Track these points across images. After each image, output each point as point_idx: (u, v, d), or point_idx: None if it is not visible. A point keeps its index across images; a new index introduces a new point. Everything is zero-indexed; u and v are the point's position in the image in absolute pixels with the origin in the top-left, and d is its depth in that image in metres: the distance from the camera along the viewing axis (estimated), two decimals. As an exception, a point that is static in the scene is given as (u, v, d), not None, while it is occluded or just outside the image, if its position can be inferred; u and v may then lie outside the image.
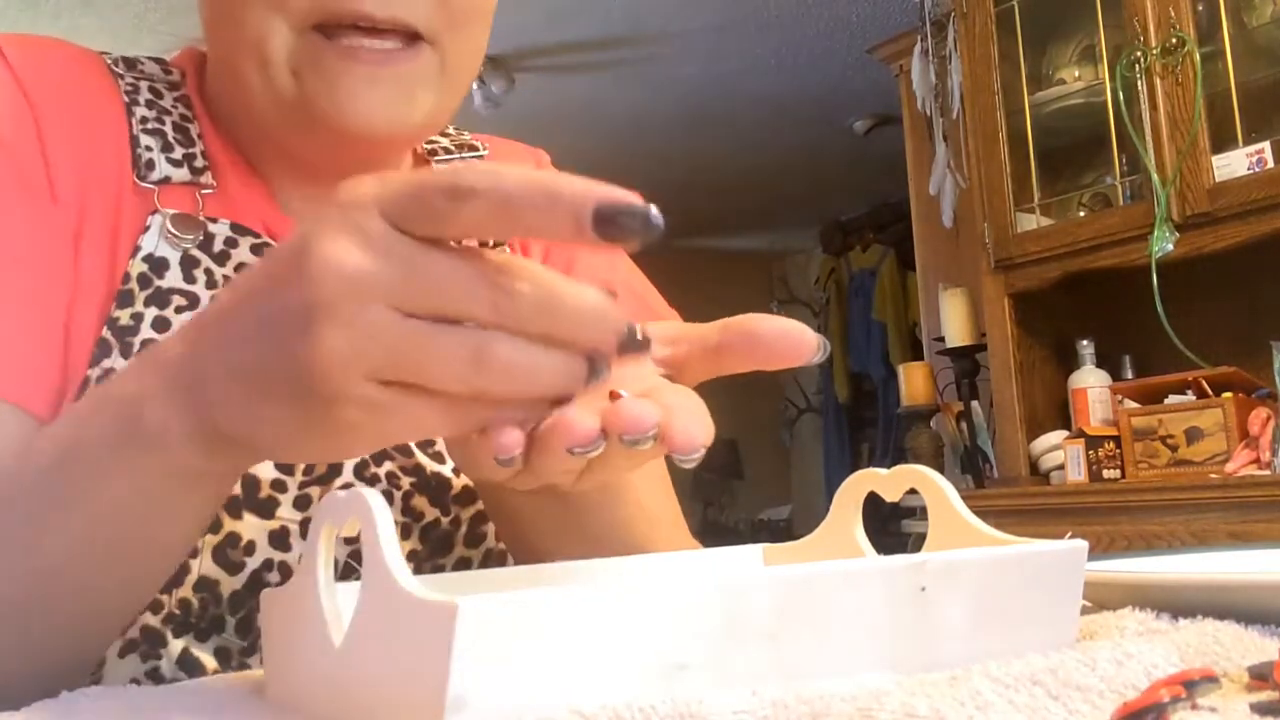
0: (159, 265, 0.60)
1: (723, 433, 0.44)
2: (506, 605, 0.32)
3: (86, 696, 0.41)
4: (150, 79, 0.68)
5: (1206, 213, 2.34)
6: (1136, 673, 0.36)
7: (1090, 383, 2.57)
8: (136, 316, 0.59)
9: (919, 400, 3.24)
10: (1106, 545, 2.34)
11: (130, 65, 0.68)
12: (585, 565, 0.51)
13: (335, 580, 0.37)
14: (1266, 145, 2.30)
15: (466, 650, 0.31)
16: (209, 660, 0.58)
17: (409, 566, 0.34)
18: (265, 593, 0.42)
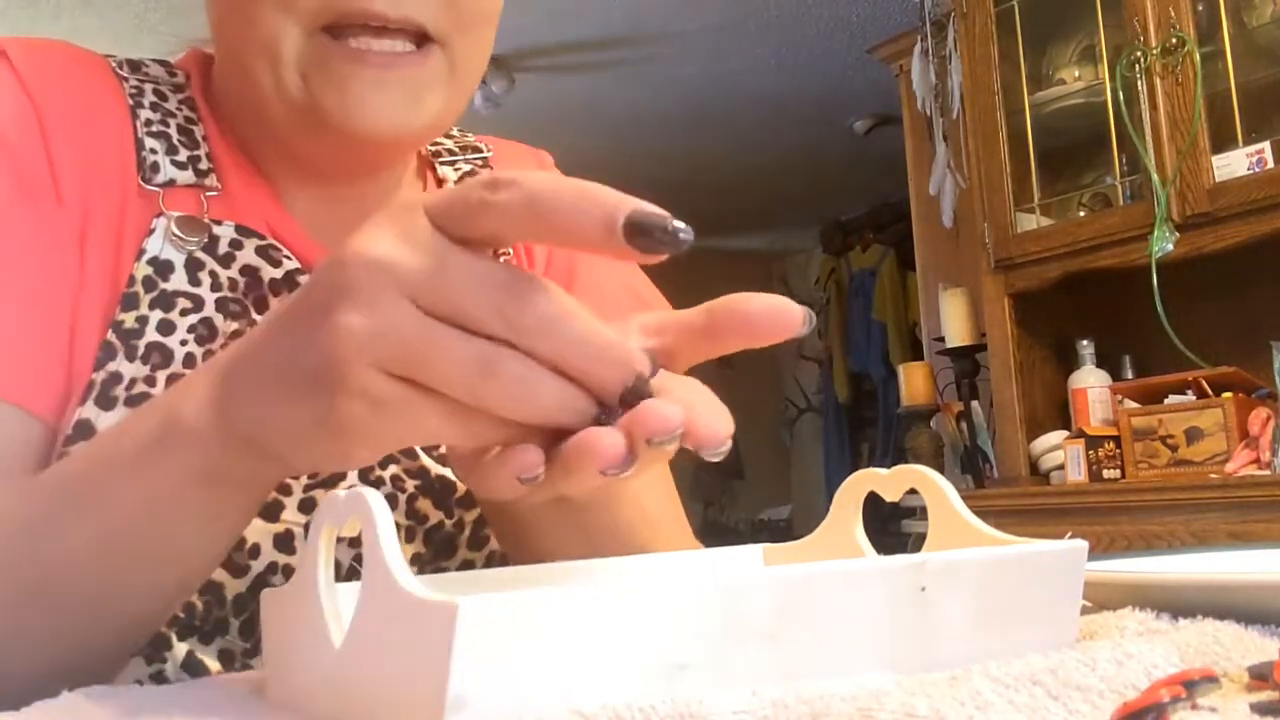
0: (164, 268, 0.61)
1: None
2: (506, 605, 0.32)
3: (87, 697, 0.41)
4: (155, 81, 0.68)
5: (1206, 213, 2.34)
6: (1136, 673, 0.36)
7: (1090, 383, 2.57)
8: (141, 319, 0.59)
9: (919, 400, 3.24)
10: (1106, 545, 2.34)
11: (135, 68, 0.68)
12: (585, 565, 0.51)
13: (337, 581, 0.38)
14: (1266, 145, 2.30)
15: (466, 650, 0.31)
16: (213, 663, 0.58)
17: (413, 569, 0.34)
18: (265, 592, 0.42)
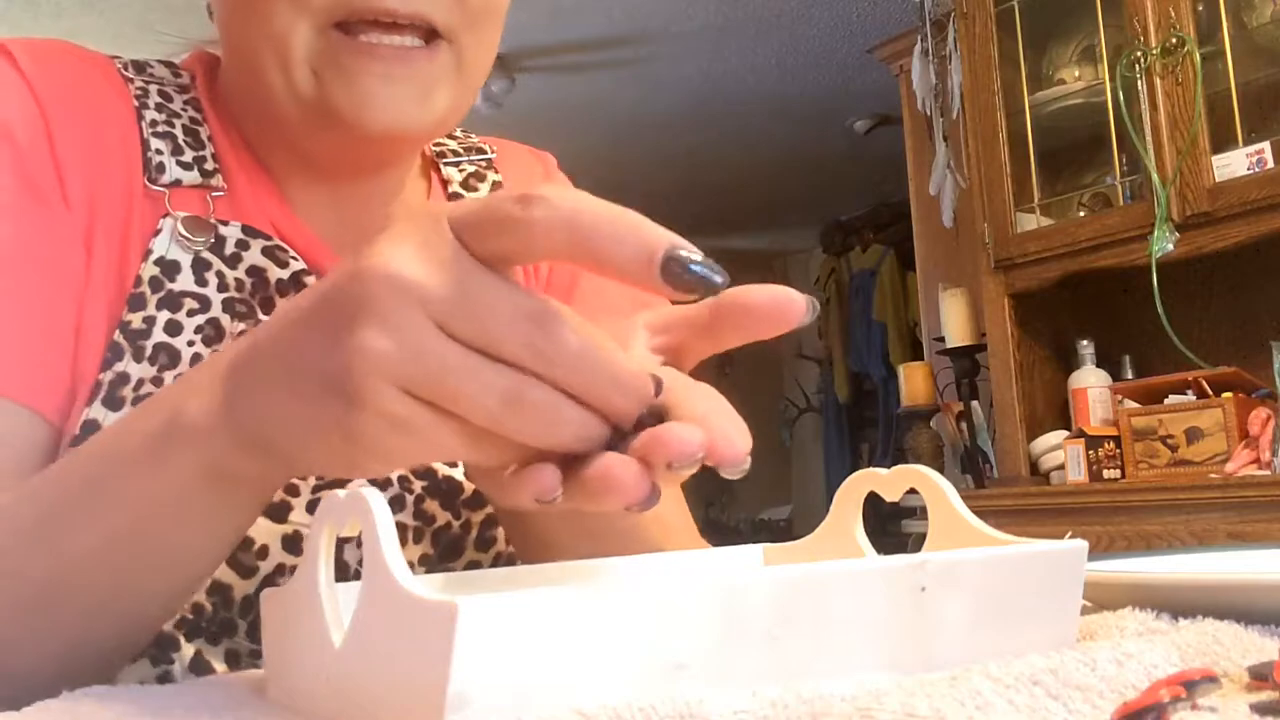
0: (170, 268, 0.61)
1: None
2: (506, 605, 0.31)
3: (88, 696, 0.41)
4: (160, 82, 0.68)
5: (1206, 213, 2.34)
6: (1136, 673, 0.36)
7: (1090, 383, 2.57)
8: (148, 320, 0.59)
9: (919, 400, 3.24)
10: (1106, 545, 2.34)
11: (140, 69, 0.68)
12: (585, 565, 0.51)
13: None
14: (1266, 145, 2.30)
15: (466, 650, 0.31)
16: (220, 664, 0.58)
17: (420, 570, 0.34)
18: (266, 592, 0.42)
